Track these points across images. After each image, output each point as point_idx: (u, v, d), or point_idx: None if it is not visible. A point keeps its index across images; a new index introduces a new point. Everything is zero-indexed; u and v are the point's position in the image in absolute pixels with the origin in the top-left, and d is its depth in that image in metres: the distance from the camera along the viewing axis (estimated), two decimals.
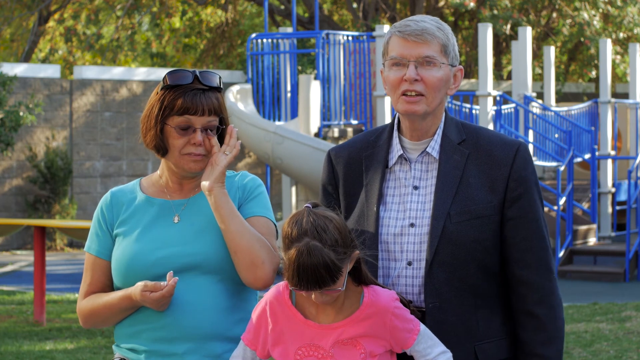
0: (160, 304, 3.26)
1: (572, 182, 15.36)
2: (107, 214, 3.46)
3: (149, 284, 3.24)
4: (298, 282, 3.03)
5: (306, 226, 3.04)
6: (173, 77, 3.35)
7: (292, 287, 3.08)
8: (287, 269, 3.04)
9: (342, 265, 3.05)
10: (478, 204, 3.21)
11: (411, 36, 3.21)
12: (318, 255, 3.01)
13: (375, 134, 3.38)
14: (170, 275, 3.23)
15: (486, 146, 3.27)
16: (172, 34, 27.02)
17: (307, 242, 3.02)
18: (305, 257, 3.00)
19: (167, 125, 3.34)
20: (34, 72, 18.88)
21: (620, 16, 22.63)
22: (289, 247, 3.05)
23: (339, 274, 3.04)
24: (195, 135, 3.33)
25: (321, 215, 3.08)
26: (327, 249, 3.02)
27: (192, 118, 3.32)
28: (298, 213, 3.10)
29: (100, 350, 9.33)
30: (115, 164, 19.64)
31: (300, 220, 3.06)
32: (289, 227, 3.07)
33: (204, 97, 3.33)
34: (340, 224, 3.10)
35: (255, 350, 3.20)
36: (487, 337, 3.24)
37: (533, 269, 3.23)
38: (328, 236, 3.04)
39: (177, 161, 3.37)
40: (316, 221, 3.06)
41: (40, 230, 10.84)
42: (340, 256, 3.04)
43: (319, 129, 15.83)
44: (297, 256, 3.01)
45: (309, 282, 3.02)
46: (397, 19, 23.83)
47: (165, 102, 3.34)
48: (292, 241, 3.04)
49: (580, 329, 10.24)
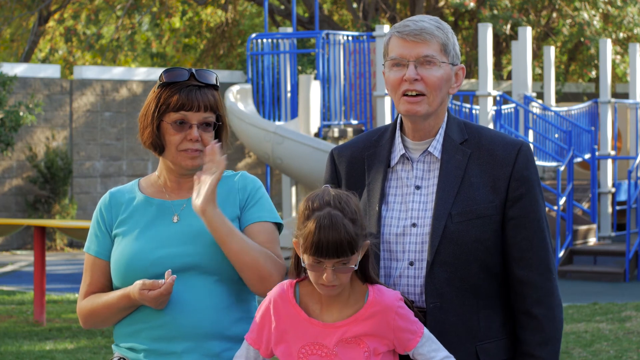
0: (158, 302, 3.26)
1: (572, 182, 15.36)
2: (106, 215, 3.46)
3: (147, 282, 3.24)
4: (316, 251, 3.03)
5: (328, 198, 3.08)
6: (169, 75, 3.38)
7: (309, 259, 3.05)
8: (305, 240, 3.04)
9: (359, 240, 3.06)
10: (479, 203, 3.21)
11: (410, 36, 3.22)
12: (340, 223, 3.03)
13: (378, 134, 3.38)
14: (168, 274, 3.24)
15: (488, 146, 3.27)
16: (172, 34, 27.02)
17: (329, 211, 3.04)
18: (328, 224, 3.02)
19: (164, 121, 3.36)
20: (34, 72, 18.89)
21: (620, 16, 22.63)
22: (308, 217, 3.06)
23: (356, 248, 3.06)
24: (192, 131, 3.35)
25: (341, 192, 3.13)
26: (348, 220, 3.05)
27: (188, 114, 3.34)
28: (317, 190, 3.13)
29: (100, 350, 9.34)
30: (115, 164, 19.64)
31: (321, 194, 3.09)
32: (308, 202, 3.09)
33: (200, 93, 3.36)
34: (358, 203, 3.14)
35: (258, 349, 3.20)
36: (489, 337, 3.24)
37: (533, 269, 3.23)
38: (350, 208, 3.07)
39: (174, 158, 3.38)
40: (339, 194, 3.09)
41: (40, 230, 10.84)
42: (358, 231, 3.06)
43: (319, 129, 15.83)
44: (318, 223, 3.02)
45: (328, 250, 3.02)
46: (397, 19, 23.83)
47: (162, 100, 3.36)
48: (313, 211, 3.06)
49: (580, 329, 10.24)
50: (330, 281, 3.07)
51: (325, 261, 3.05)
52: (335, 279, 3.07)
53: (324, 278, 3.07)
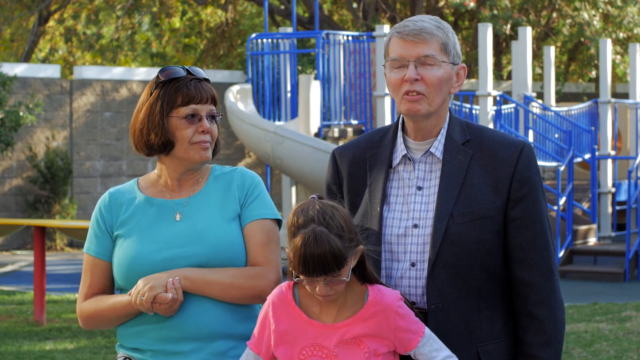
0: (171, 309, 3.27)
1: (572, 182, 15.35)
2: (106, 215, 3.45)
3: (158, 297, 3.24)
4: (304, 269, 3.03)
5: (312, 213, 3.05)
6: (167, 73, 3.39)
7: (297, 276, 3.07)
8: (293, 257, 3.04)
9: (347, 253, 3.05)
10: (481, 204, 3.20)
11: (409, 36, 3.21)
12: (325, 240, 3.01)
13: (380, 134, 3.38)
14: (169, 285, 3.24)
15: (490, 146, 3.26)
16: (172, 34, 27.01)
17: (313, 228, 3.03)
18: (312, 243, 3.01)
19: (172, 118, 3.36)
20: (34, 72, 18.88)
21: (620, 16, 22.62)
22: (294, 234, 3.05)
23: (344, 262, 3.04)
24: (203, 123, 3.37)
25: (327, 204, 3.10)
26: (334, 235, 3.03)
27: (198, 107, 3.37)
28: (304, 203, 3.11)
29: (100, 350, 9.33)
30: (115, 164, 19.64)
31: (306, 209, 3.07)
32: (294, 216, 3.08)
33: (203, 86, 3.39)
34: (346, 214, 3.12)
35: (259, 353, 3.19)
36: (490, 338, 3.23)
37: (535, 269, 3.22)
38: (334, 223, 3.05)
39: (186, 153, 3.38)
40: (322, 209, 3.07)
41: (40, 230, 10.83)
42: (346, 244, 3.05)
43: (319, 129, 15.83)
44: (303, 242, 3.01)
45: (315, 269, 3.02)
46: (397, 19, 23.83)
47: (167, 97, 3.35)
48: (298, 228, 3.05)
49: (580, 329, 10.24)
50: (323, 294, 3.08)
51: (315, 277, 3.05)
52: (329, 290, 3.07)
53: (317, 291, 3.08)
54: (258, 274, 3.34)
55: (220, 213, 3.39)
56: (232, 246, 3.36)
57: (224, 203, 3.39)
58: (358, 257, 3.11)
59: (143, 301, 3.24)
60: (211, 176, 3.47)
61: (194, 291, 3.30)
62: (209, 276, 3.31)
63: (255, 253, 3.37)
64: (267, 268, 3.34)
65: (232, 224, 3.38)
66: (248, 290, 3.32)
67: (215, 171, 3.48)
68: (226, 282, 3.31)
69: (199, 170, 3.46)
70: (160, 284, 3.25)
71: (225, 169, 3.49)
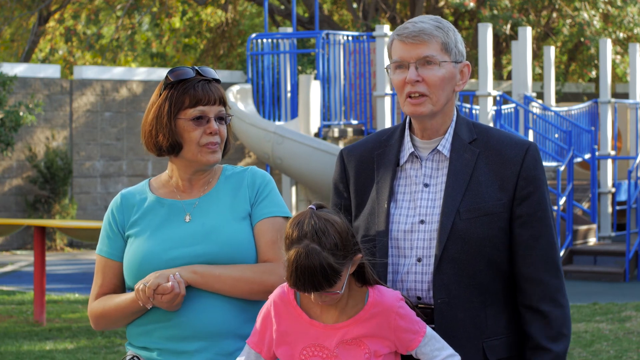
0: (174, 303, 3.28)
1: (572, 182, 15.36)
2: (117, 216, 3.46)
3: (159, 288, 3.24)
4: (295, 283, 3.05)
5: (307, 228, 3.05)
6: (176, 74, 3.38)
7: (290, 287, 3.09)
8: (286, 269, 3.06)
9: (341, 269, 3.04)
10: (487, 201, 3.23)
11: (409, 38, 3.24)
12: (316, 258, 3.01)
13: (387, 134, 3.41)
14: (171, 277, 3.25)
15: (497, 146, 3.29)
16: (172, 34, 27.01)
17: (306, 245, 3.02)
18: (303, 260, 3.01)
19: (180, 120, 3.36)
20: (34, 72, 18.88)
21: (620, 16, 22.63)
22: (289, 247, 3.06)
23: (337, 278, 3.04)
24: (211, 125, 3.36)
25: (323, 218, 3.07)
26: (326, 252, 3.02)
27: (206, 108, 3.36)
28: (301, 214, 3.10)
29: (100, 350, 9.33)
30: (115, 164, 19.64)
31: (302, 222, 3.07)
32: (290, 229, 3.08)
33: (211, 87, 3.38)
34: (342, 227, 3.09)
35: (260, 352, 3.19)
36: (496, 334, 3.25)
37: (540, 266, 3.24)
38: (328, 240, 3.04)
39: (195, 154, 3.38)
40: (317, 224, 3.05)
41: (40, 230, 10.84)
42: (340, 260, 3.04)
43: (319, 129, 15.84)
44: (295, 258, 3.02)
45: (306, 285, 3.03)
46: (397, 18, 23.84)
47: (174, 99, 3.36)
48: (292, 242, 3.05)
49: (580, 329, 10.24)
50: (318, 302, 3.09)
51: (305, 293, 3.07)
52: (322, 299, 3.08)
53: (312, 299, 3.10)
54: (269, 269, 3.34)
55: (231, 212, 3.39)
56: (242, 245, 3.36)
57: (234, 202, 3.40)
58: (356, 266, 3.11)
59: (145, 288, 3.24)
60: (222, 176, 3.47)
61: (203, 285, 3.30)
62: (219, 270, 3.31)
63: (266, 250, 3.37)
64: (278, 264, 3.34)
65: (242, 223, 3.39)
66: (259, 285, 3.31)
67: (227, 171, 3.49)
68: (236, 276, 3.31)
69: (210, 171, 3.46)
70: (165, 275, 3.27)
71: (236, 169, 3.49)
